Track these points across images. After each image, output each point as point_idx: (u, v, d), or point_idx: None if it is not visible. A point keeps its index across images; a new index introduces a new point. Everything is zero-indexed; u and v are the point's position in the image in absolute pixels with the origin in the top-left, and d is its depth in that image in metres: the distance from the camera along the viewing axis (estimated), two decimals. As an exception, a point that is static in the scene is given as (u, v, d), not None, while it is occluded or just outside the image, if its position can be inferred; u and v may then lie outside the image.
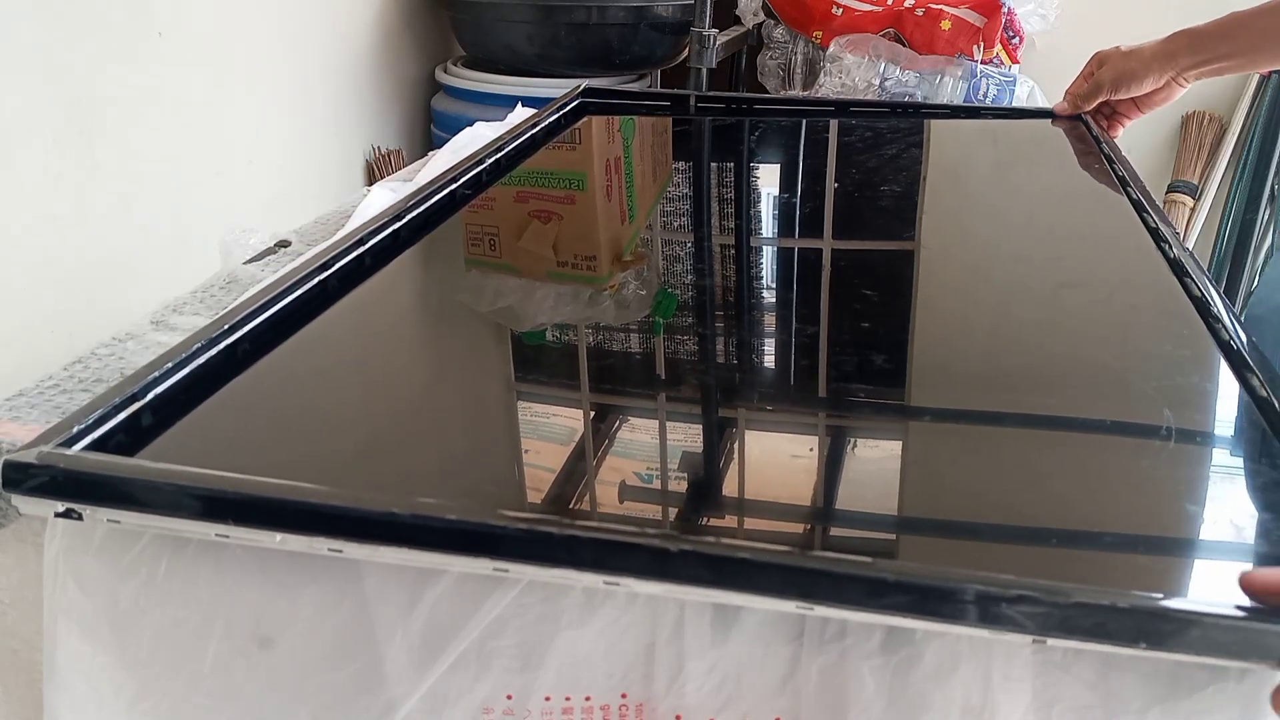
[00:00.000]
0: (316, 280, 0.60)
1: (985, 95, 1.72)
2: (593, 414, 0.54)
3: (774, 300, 0.69)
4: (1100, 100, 0.98)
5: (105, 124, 1.32)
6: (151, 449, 0.44)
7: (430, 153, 1.16)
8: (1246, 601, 0.34)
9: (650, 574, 0.36)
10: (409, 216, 0.70)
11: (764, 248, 0.79)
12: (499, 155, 0.85)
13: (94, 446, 0.43)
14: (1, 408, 0.59)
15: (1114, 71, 0.95)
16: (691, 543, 0.35)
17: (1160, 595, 0.34)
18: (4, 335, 1.18)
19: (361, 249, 0.64)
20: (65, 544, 0.40)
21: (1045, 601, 0.33)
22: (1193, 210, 1.90)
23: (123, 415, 0.45)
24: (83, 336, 0.69)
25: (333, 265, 0.61)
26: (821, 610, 0.35)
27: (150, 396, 0.47)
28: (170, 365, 0.48)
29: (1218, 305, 0.56)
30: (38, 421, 0.57)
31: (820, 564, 0.35)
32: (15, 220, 1.22)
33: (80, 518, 0.39)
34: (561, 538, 0.36)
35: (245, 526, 0.38)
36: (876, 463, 0.50)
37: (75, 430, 0.42)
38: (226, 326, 0.53)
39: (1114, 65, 0.95)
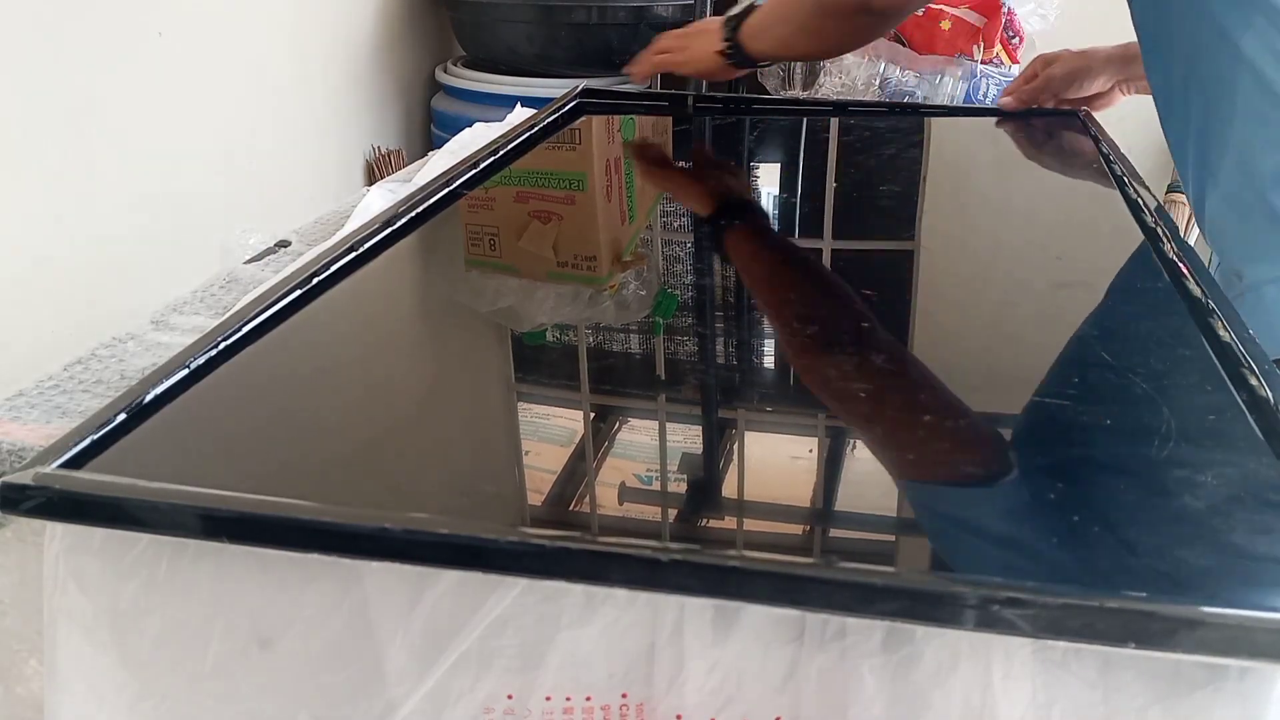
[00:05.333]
0: (311, 285, 0.60)
1: (985, 95, 1.72)
2: (593, 415, 0.54)
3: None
4: (1048, 98, 0.97)
5: (105, 124, 1.32)
6: (150, 464, 0.44)
7: (430, 153, 1.17)
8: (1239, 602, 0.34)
9: (642, 584, 0.36)
10: (405, 219, 0.70)
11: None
12: (496, 157, 0.85)
13: (92, 462, 0.43)
14: (1, 407, 0.59)
15: (1066, 69, 0.96)
16: (682, 553, 0.35)
17: (1150, 595, 0.34)
18: (4, 335, 1.18)
19: (355, 253, 0.64)
20: (66, 545, 0.40)
21: (1036, 603, 0.33)
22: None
23: (120, 431, 0.45)
24: (83, 336, 0.69)
25: (327, 271, 0.61)
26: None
27: (147, 410, 0.47)
28: (166, 378, 0.48)
29: (1216, 304, 0.56)
30: (38, 421, 0.57)
31: (811, 571, 0.35)
32: (15, 220, 1.22)
33: (81, 519, 0.40)
34: (553, 550, 0.36)
35: (240, 544, 0.38)
36: (876, 464, 0.50)
37: (72, 448, 0.43)
38: (222, 336, 0.53)
39: (1066, 63, 0.96)
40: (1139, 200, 0.72)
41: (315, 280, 0.60)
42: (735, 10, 0.95)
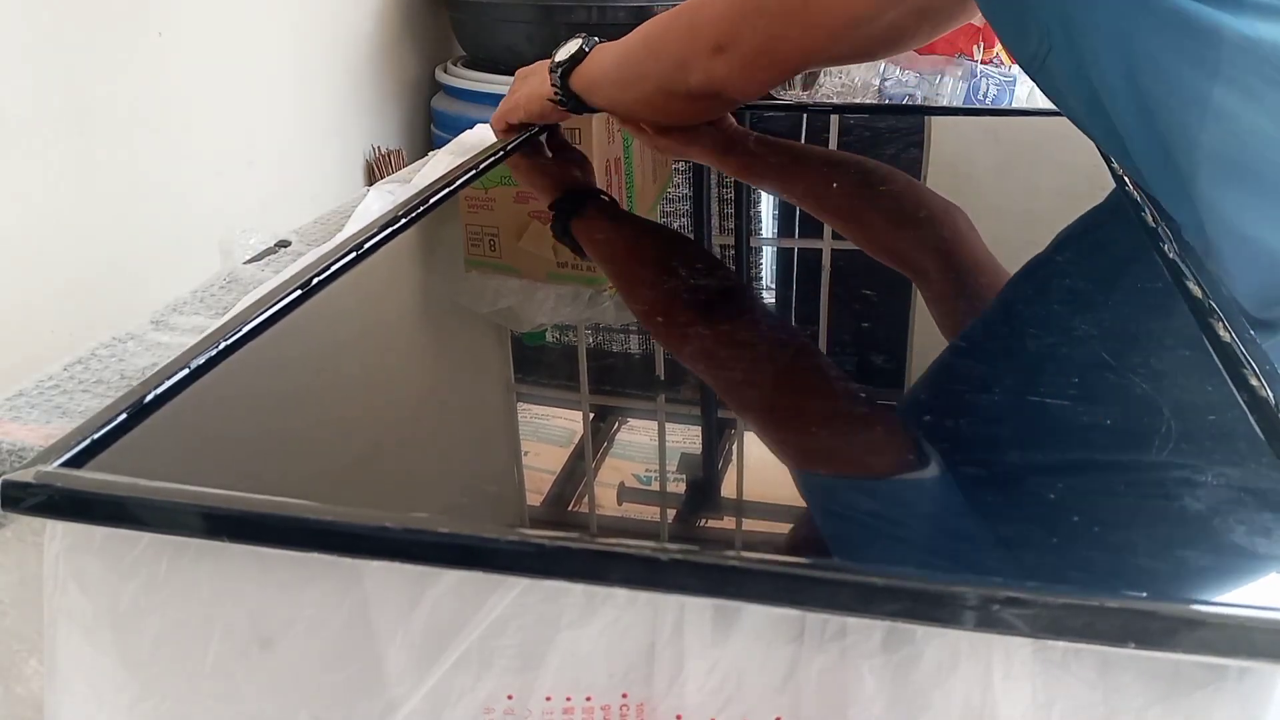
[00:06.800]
0: (312, 286, 0.60)
1: (985, 95, 1.72)
2: (592, 415, 0.54)
3: (774, 300, 0.69)
4: None
5: (105, 124, 1.33)
6: (151, 464, 0.44)
7: (430, 153, 1.17)
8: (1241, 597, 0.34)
9: (642, 584, 0.36)
10: (405, 221, 0.70)
11: (764, 248, 0.79)
12: (496, 157, 0.85)
13: (95, 461, 0.43)
14: (1, 407, 0.59)
15: None
16: (682, 552, 0.35)
17: (1150, 595, 0.34)
18: (4, 335, 1.18)
19: (355, 255, 0.64)
20: (66, 545, 0.40)
21: (1036, 603, 0.33)
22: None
23: (121, 431, 0.45)
24: (83, 336, 0.69)
25: (328, 272, 0.61)
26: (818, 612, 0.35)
27: (148, 410, 0.47)
28: (168, 378, 0.49)
29: (1216, 303, 0.56)
30: (38, 421, 0.57)
31: (811, 571, 0.35)
32: (15, 220, 1.23)
33: (81, 519, 0.40)
34: (553, 550, 0.36)
35: (240, 543, 0.38)
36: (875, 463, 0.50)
37: (75, 447, 0.43)
38: (224, 337, 0.53)
39: None
40: (1140, 199, 0.72)
41: (316, 282, 0.60)
42: (561, 55, 0.86)
